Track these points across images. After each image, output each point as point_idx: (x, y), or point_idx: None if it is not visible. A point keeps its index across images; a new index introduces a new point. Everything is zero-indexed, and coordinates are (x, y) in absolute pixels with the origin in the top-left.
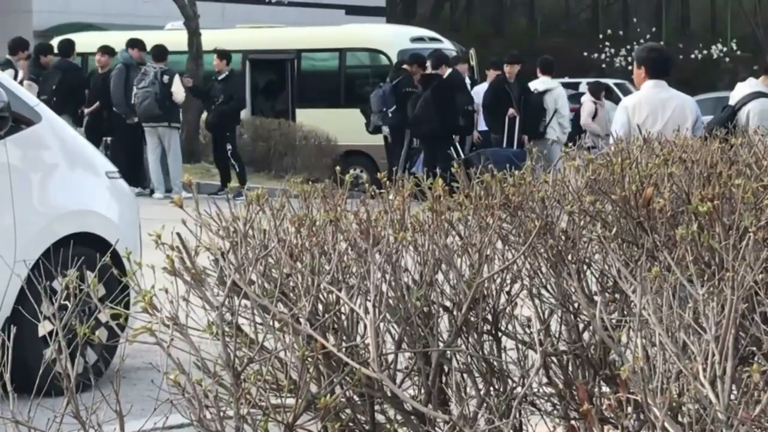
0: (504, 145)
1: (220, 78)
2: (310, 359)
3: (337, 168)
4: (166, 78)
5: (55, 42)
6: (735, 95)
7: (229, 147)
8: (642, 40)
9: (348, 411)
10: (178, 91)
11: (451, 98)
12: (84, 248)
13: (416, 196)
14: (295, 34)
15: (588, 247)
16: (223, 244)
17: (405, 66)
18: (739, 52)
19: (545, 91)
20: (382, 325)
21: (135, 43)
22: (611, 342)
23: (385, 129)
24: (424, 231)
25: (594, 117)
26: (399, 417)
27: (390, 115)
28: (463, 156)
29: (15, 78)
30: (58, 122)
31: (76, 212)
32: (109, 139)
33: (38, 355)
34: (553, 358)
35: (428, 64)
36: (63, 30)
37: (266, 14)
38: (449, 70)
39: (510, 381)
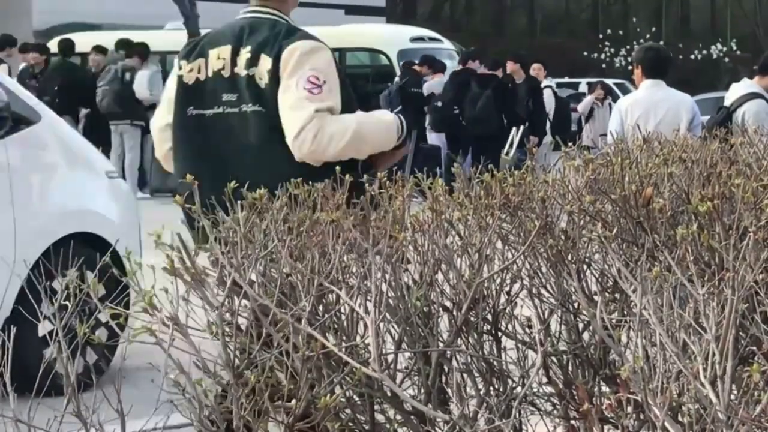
0: None
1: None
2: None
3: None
4: (128, 75)
5: (55, 42)
6: (730, 96)
7: None
8: (642, 40)
9: (348, 411)
10: (141, 90)
11: (511, 97)
12: (84, 248)
13: (415, 196)
14: None
15: (588, 246)
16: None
17: (415, 67)
18: (738, 52)
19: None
20: (382, 325)
21: (124, 44)
22: (611, 342)
23: None
24: (423, 231)
25: (589, 116)
26: (399, 417)
27: None
28: (512, 149)
29: (9, 74)
30: (57, 122)
31: (76, 212)
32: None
33: (38, 355)
34: (553, 358)
35: (482, 63)
36: (63, 30)
37: None
38: (513, 68)
39: (510, 381)
